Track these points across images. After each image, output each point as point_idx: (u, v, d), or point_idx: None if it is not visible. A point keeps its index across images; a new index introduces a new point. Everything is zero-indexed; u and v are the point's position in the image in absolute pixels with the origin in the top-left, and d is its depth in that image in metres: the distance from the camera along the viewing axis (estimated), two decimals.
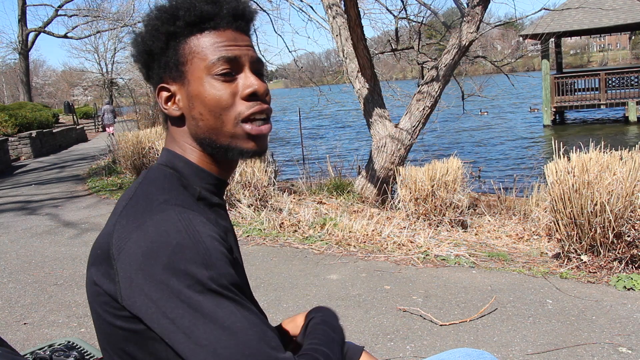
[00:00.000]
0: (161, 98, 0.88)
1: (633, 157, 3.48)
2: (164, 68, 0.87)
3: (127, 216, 0.79)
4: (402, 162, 6.39)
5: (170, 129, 0.91)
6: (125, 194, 0.86)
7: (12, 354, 1.00)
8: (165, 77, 0.88)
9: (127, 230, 0.76)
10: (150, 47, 0.87)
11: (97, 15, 26.09)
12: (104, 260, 0.78)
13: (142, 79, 9.14)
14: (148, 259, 0.72)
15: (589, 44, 79.63)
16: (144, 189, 0.83)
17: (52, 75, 53.16)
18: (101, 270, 0.78)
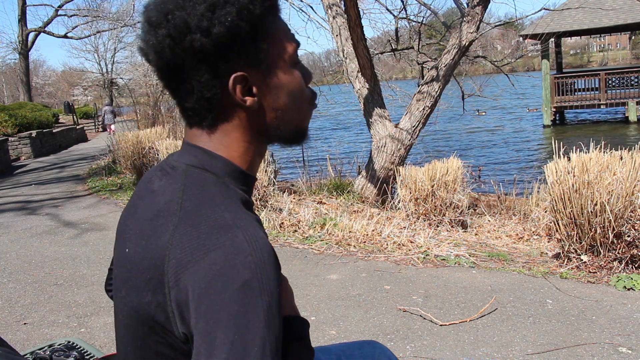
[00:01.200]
0: (237, 89, 0.75)
1: (633, 157, 3.48)
2: (245, 55, 0.75)
3: (184, 237, 0.70)
4: (402, 162, 6.39)
5: (217, 126, 0.79)
6: (157, 201, 0.78)
7: (12, 354, 1.00)
8: (240, 65, 0.75)
9: (189, 257, 0.68)
10: (235, 30, 0.72)
11: (97, 15, 26.11)
12: (154, 287, 0.71)
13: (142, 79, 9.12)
14: (216, 290, 0.66)
15: (589, 44, 79.64)
16: (193, 202, 0.74)
17: (52, 75, 53.20)
18: (151, 297, 0.72)
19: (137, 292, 0.74)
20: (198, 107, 0.77)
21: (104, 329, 3.09)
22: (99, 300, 3.57)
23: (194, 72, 0.74)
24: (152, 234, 0.74)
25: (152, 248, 0.73)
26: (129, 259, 0.78)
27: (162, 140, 7.57)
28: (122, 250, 0.82)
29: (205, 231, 0.70)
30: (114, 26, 23.81)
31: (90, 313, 3.35)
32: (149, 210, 0.78)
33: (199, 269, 0.67)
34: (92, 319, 3.26)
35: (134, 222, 0.81)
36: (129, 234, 0.81)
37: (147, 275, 0.72)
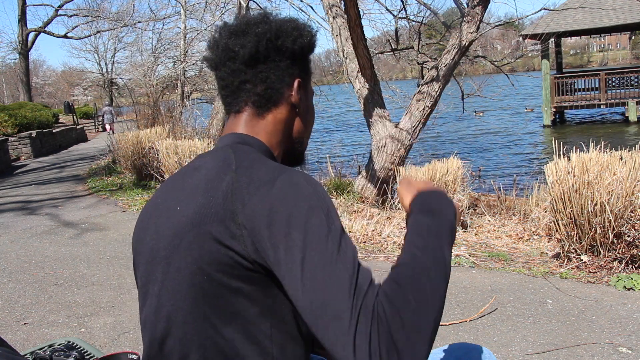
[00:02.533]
0: (297, 90, 0.98)
1: (633, 157, 3.48)
2: (304, 69, 1.00)
3: (246, 177, 0.82)
4: (402, 162, 6.39)
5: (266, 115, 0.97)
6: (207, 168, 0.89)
7: (12, 354, 0.99)
8: (301, 75, 1.00)
9: (254, 187, 0.80)
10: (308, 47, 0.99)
11: (97, 15, 26.10)
12: (224, 218, 0.80)
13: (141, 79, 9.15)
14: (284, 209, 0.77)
15: (589, 44, 79.62)
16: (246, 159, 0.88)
17: (52, 75, 53.18)
18: (220, 228, 0.79)
19: (202, 229, 0.81)
20: (264, 94, 0.96)
21: (104, 329, 3.09)
22: (99, 300, 3.57)
23: (274, 65, 0.95)
24: (213, 183, 0.85)
25: (217, 190, 0.83)
26: (186, 211, 0.85)
27: (162, 140, 7.57)
28: (167, 216, 0.89)
29: (265, 171, 0.83)
30: (114, 26, 23.78)
31: (90, 313, 3.35)
32: (202, 177, 0.88)
33: (263, 197, 0.79)
34: (92, 319, 3.26)
35: (181, 193, 0.90)
36: (175, 202, 0.90)
37: (214, 209, 0.81)
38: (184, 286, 0.83)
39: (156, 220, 0.92)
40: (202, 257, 0.80)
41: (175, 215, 0.87)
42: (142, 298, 0.93)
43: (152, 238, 0.91)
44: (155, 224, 0.92)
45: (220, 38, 0.97)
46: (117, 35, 30.48)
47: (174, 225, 0.86)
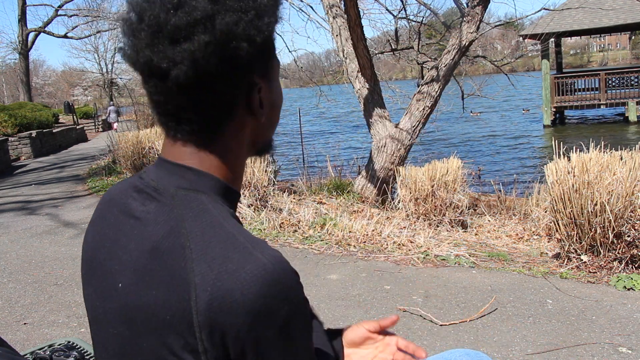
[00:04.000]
0: (256, 100, 0.74)
1: (633, 157, 3.48)
2: (264, 67, 0.75)
3: (209, 275, 0.64)
4: (402, 162, 6.39)
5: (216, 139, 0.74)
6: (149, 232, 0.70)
7: (12, 354, 0.99)
8: (258, 77, 0.74)
9: (221, 296, 0.63)
10: (268, 41, 0.73)
11: (97, 15, 26.13)
12: (177, 330, 0.65)
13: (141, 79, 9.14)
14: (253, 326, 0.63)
15: (589, 44, 79.64)
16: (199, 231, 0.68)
17: (52, 75, 53.22)
18: (173, 340, 0.66)
19: (150, 336, 0.68)
20: (211, 119, 0.72)
21: None
22: None
23: (223, 81, 0.69)
24: (160, 270, 0.67)
25: (167, 287, 0.66)
26: (128, 299, 0.70)
27: (161, 140, 7.56)
28: (109, 283, 0.74)
29: (228, 263, 0.64)
30: (114, 26, 23.81)
31: None
32: (142, 241, 0.70)
33: (235, 309, 0.63)
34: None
35: (119, 252, 0.73)
36: (116, 265, 0.73)
37: (165, 316, 0.66)
38: None
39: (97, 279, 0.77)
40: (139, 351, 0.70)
41: (117, 295, 0.72)
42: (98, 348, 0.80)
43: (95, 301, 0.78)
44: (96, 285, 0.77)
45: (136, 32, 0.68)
46: (117, 35, 30.48)
47: (118, 310, 0.72)
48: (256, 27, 0.68)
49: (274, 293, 0.64)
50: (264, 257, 0.65)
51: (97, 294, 0.77)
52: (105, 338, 0.76)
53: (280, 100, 0.81)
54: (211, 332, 0.63)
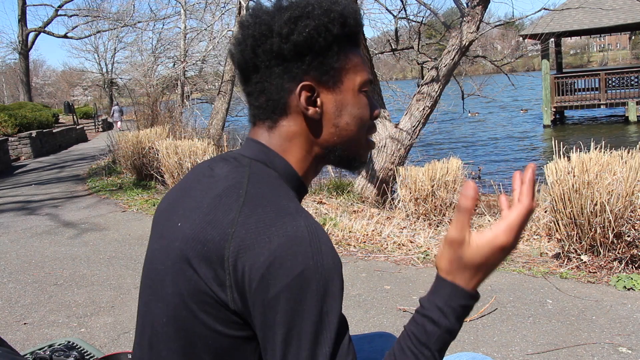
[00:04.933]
0: (302, 96, 0.83)
1: (633, 157, 3.48)
2: (316, 68, 0.83)
3: (250, 219, 0.73)
4: (402, 162, 6.39)
5: (279, 128, 0.85)
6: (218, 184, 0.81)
7: (12, 354, 1.00)
8: (310, 76, 0.83)
9: (253, 238, 0.71)
10: (311, 42, 0.81)
11: (97, 15, 26.10)
12: (213, 261, 0.73)
13: (142, 79, 9.09)
14: (268, 279, 0.70)
15: (589, 44, 79.60)
16: (257, 190, 0.78)
17: (52, 75, 53.21)
18: (207, 270, 0.74)
19: (191, 263, 0.76)
20: (266, 107, 0.85)
21: (104, 329, 3.09)
22: (99, 300, 3.57)
23: (268, 73, 0.83)
24: (215, 210, 0.77)
25: (216, 224, 0.75)
26: (183, 232, 0.79)
27: (162, 140, 7.57)
28: (170, 226, 0.83)
29: (270, 216, 0.73)
30: (114, 26, 23.80)
31: (90, 313, 3.35)
32: (210, 191, 0.81)
33: (259, 253, 0.70)
34: (92, 319, 3.26)
35: (189, 200, 0.83)
36: (181, 210, 0.83)
37: (206, 247, 0.75)
38: (169, 313, 0.80)
39: (161, 227, 0.88)
40: (189, 292, 0.76)
41: (175, 232, 0.81)
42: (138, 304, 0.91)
43: (154, 243, 0.88)
44: (159, 232, 0.88)
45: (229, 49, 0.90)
46: (117, 35, 30.52)
47: (171, 244, 0.81)
48: (290, 27, 0.80)
49: (295, 249, 0.70)
50: (302, 220, 0.73)
51: (156, 237, 0.87)
52: (152, 272, 0.85)
53: (357, 113, 0.87)
54: (235, 267, 0.71)
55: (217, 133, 10.48)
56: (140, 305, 0.89)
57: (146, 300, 0.86)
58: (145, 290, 0.87)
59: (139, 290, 0.91)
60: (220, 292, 0.73)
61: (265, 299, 0.70)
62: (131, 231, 5.45)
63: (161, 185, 7.71)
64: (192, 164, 6.21)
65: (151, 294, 0.84)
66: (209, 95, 16.80)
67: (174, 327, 0.79)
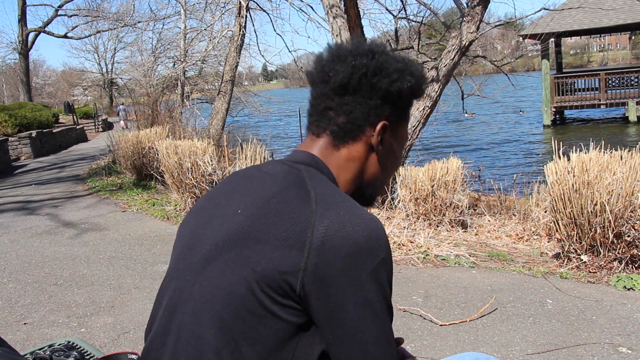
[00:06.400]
0: (379, 132, 0.94)
1: (633, 157, 3.48)
2: (395, 115, 0.96)
3: (329, 212, 0.81)
4: (402, 163, 6.39)
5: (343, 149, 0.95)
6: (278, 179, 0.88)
7: (12, 354, 1.00)
8: (390, 118, 0.96)
9: (338, 227, 0.79)
10: (406, 94, 0.95)
11: (97, 15, 26.08)
12: (291, 246, 0.79)
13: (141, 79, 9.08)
14: (356, 260, 0.78)
15: (589, 44, 79.58)
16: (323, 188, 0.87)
17: (52, 75, 53.16)
18: (280, 254, 0.79)
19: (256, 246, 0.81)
20: (344, 127, 0.94)
21: (104, 329, 3.09)
22: (99, 300, 3.57)
23: (362, 100, 0.93)
24: (285, 201, 0.84)
25: (291, 212, 0.82)
26: (245, 218, 0.85)
27: (162, 140, 7.56)
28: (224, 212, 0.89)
29: (348, 211, 0.82)
30: (114, 26, 23.79)
31: (90, 313, 3.35)
32: (268, 188, 0.87)
33: (347, 240, 0.78)
34: (92, 319, 3.26)
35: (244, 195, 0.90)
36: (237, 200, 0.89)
37: (280, 231, 0.80)
38: (219, 291, 0.82)
39: (213, 210, 0.92)
40: (253, 271, 0.80)
41: (235, 217, 0.86)
42: (167, 281, 0.93)
43: (200, 227, 0.91)
44: (210, 214, 0.92)
45: (323, 57, 0.96)
46: (117, 35, 30.55)
47: (233, 226, 0.85)
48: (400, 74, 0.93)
49: (377, 236, 0.81)
50: (371, 215, 0.83)
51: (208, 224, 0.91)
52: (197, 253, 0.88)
53: (395, 159, 1.02)
54: (320, 251, 0.78)
55: (217, 133, 10.48)
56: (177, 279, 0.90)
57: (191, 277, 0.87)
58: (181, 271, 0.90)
59: (168, 273, 0.94)
60: (290, 275, 0.78)
61: (353, 278, 0.78)
62: (131, 231, 5.45)
63: (161, 185, 7.71)
64: (192, 164, 6.21)
65: (192, 273, 0.87)
66: (209, 95, 16.80)
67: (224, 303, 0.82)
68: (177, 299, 0.87)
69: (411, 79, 0.93)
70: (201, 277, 0.85)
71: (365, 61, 0.91)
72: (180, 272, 0.90)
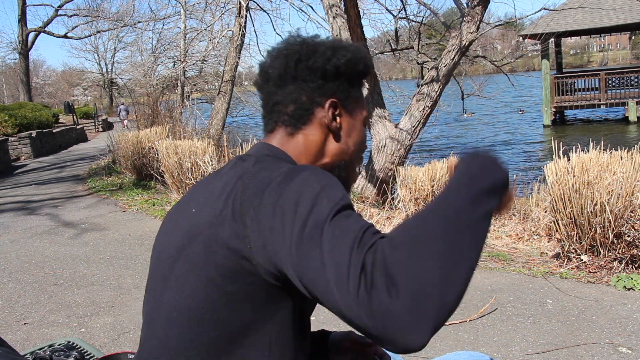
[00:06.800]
0: (330, 110, 0.95)
1: (633, 157, 3.48)
2: (342, 91, 0.97)
3: (255, 178, 0.82)
4: (402, 162, 6.39)
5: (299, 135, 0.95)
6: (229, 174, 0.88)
7: (12, 354, 1.00)
8: (337, 96, 0.96)
9: (261, 187, 0.79)
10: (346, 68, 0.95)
11: (97, 15, 26.09)
12: (232, 218, 0.79)
13: (141, 79, 9.12)
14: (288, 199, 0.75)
15: (589, 44, 79.58)
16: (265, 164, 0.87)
17: (52, 75, 53.16)
18: (228, 229, 0.79)
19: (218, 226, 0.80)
20: (294, 114, 0.95)
21: (104, 329, 3.09)
22: (99, 300, 3.57)
23: (304, 85, 0.94)
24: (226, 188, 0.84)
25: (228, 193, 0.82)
26: (196, 215, 0.86)
27: (162, 140, 7.57)
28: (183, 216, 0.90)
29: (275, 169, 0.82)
30: (114, 26, 23.78)
31: (90, 313, 3.35)
32: (220, 183, 0.88)
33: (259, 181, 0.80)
34: (92, 319, 3.26)
35: (201, 195, 0.91)
36: (194, 202, 0.90)
37: (221, 212, 0.81)
38: (187, 287, 0.83)
39: (174, 219, 0.94)
40: (208, 260, 0.81)
41: (190, 217, 0.88)
42: (146, 296, 0.95)
43: (165, 236, 0.94)
44: (173, 223, 0.94)
45: (264, 61, 0.98)
46: (117, 35, 30.56)
47: (187, 226, 0.87)
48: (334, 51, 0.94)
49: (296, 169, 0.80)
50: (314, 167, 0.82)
51: (172, 230, 0.92)
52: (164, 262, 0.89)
53: (359, 140, 1.01)
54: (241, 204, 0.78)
55: (217, 133, 10.48)
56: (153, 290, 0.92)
57: (161, 285, 0.88)
58: (153, 282, 0.92)
59: (146, 285, 0.95)
60: (241, 246, 0.77)
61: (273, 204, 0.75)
62: (131, 231, 5.45)
63: (161, 185, 7.71)
64: (192, 164, 6.22)
65: (161, 281, 0.88)
66: (209, 95, 16.80)
67: (194, 297, 0.82)
68: (153, 309, 0.90)
69: (346, 53, 0.94)
70: (169, 281, 0.86)
71: (296, 48, 0.94)
72: (153, 283, 0.92)
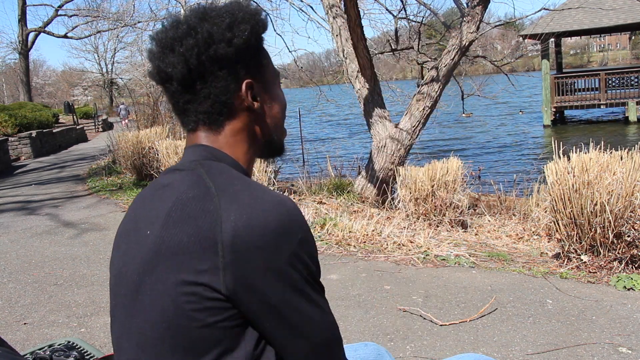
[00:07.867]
0: (248, 93, 0.90)
1: (633, 157, 3.48)
2: (252, 67, 0.91)
3: (233, 204, 0.77)
4: (402, 162, 6.38)
5: (224, 128, 0.90)
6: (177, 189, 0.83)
7: (12, 354, 1.00)
8: (249, 75, 0.90)
9: (248, 215, 0.76)
10: (249, 43, 0.89)
11: (97, 15, 26.07)
12: (205, 248, 0.75)
13: (142, 79, 9.13)
14: (272, 250, 0.76)
15: (589, 44, 79.55)
16: (222, 179, 0.82)
17: (52, 75, 53.18)
18: (200, 259, 0.75)
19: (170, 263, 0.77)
20: (212, 110, 0.89)
21: (104, 329, 3.09)
22: (99, 300, 3.57)
23: (212, 78, 0.87)
24: (189, 211, 0.79)
25: (198, 221, 0.77)
26: (157, 239, 0.80)
27: (161, 140, 7.57)
28: (138, 237, 0.84)
29: (247, 196, 0.79)
30: (114, 26, 23.77)
31: (90, 313, 3.35)
32: (168, 198, 0.82)
33: (259, 227, 0.76)
34: (92, 319, 3.26)
35: (150, 213, 0.85)
36: (145, 222, 0.84)
37: (190, 240, 0.76)
38: (154, 315, 0.79)
39: (126, 241, 0.88)
40: (175, 285, 0.77)
41: (146, 240, 0.82)
42: (112, 322, 0.90)
43: (121, 261, 0.87)
44: (126, 246, 0.87)
45: (154, 52, 0.89)
46: (117, 35, 30.51)
47: (145, 251, 0.81)
48: (232, 31, 0.86)
49: (290, 218, 0.78)
50: (278, 195, 0.80)
51: (125, 254, 0.87)
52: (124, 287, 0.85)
53: (281, 101, 0.97)
54: (233, 248, 0.74)
55: None
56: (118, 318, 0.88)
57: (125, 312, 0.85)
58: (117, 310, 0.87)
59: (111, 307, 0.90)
60: (211, 279, 0.75)
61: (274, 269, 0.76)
62: None
63: None
64: None
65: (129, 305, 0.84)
66: None
67: (161, 327, 0.79)
68: (120, 337, 0.86)
69: (245, 26, 0.87)
70: (134, 310, 0.82)
71: (191, 41, 0.84)
72: (117, 311, 0.87)
